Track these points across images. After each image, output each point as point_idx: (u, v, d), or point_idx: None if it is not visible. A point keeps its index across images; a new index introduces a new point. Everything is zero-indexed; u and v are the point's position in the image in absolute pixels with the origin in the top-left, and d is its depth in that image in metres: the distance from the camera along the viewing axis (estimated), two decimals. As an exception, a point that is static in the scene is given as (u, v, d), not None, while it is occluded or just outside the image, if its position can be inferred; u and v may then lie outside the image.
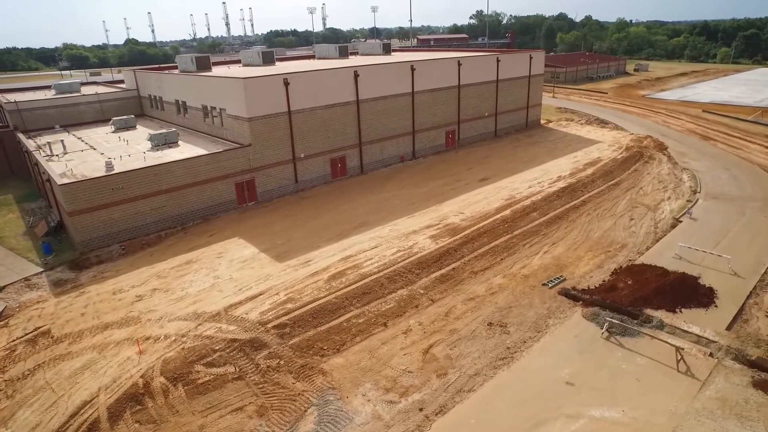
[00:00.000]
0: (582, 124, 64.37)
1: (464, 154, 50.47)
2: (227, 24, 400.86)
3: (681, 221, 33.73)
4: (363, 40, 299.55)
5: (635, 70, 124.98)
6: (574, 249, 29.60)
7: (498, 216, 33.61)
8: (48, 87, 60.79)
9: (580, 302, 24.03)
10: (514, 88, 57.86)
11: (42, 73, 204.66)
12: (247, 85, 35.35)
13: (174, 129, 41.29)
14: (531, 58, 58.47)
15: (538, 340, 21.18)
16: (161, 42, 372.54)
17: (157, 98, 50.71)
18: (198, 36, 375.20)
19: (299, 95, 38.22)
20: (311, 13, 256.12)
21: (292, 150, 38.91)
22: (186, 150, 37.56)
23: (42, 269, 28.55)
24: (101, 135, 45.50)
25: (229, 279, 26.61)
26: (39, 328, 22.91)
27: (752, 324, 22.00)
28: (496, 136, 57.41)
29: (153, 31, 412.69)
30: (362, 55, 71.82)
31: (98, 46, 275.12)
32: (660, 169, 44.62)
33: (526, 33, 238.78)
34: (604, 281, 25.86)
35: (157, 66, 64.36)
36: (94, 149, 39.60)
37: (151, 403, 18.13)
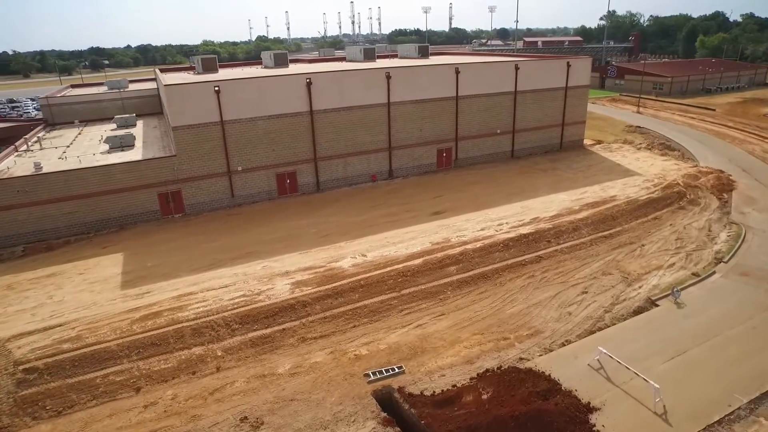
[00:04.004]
0: (639, 148, 51.64)
1: (453, 177, 43.12)
2: (353, 22, 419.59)
3: (657, 305, 23.95)
4: (485, 40, 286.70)
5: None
6: (461, 327, 22.34)
7: (402, 265, 27.04)
8: (101, 84, 66.57)
9: (386, 414, 17.52)
10: (543, 102, 48.17)
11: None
12: (169, 92, 33.54)
13: (131, 132, 41.44)
14: (569, 65, 48.14)
15: (272, 461, 15.59)
16: (295, 38, 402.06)
17: (161, 98, 52.05)
18: (329, 33, 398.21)
19: (235, 104, 35.32)
20: (426, 12, 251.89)
21: (226, 162, 36.29)
22: (133, 154, 37.14)
23: (-66, 264, 29.84)
24: (99, 133, 47.75)
25: (57, 302, 24.79)
26: None
27: None
28: (513, 158, 48.52)
29: (288, 28, 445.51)
30: (400, 57, 67.05)
31: (232, 43, 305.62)
32: (694, 220, 33.07)
33: (664, 36, 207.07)
34: (452, 387, 18.73)
35: (178, 66, 66.58)
36: (66, 147, 41.36)
37: None
